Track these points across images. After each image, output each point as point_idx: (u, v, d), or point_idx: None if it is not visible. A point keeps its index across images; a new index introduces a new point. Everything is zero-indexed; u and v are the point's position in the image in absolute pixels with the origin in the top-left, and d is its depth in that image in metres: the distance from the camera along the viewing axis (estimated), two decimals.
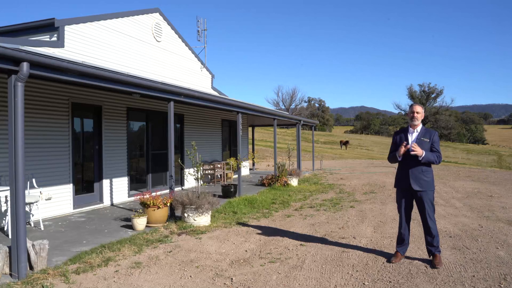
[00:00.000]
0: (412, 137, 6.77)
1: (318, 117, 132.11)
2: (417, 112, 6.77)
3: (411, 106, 6.91)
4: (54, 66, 6.80)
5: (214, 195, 10.71)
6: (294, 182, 17.87)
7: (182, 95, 10.73)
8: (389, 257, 7.01)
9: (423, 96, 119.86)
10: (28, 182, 9.66)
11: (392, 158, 6.95)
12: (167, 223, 9.78)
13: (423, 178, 6.62)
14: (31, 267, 6.35)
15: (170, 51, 17.54)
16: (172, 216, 10.25)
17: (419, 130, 6.78)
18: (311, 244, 8.04)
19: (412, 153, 6.53)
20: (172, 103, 10.55)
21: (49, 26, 11.96)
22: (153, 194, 10.02)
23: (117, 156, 13.16)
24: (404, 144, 6.62)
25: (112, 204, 12.86)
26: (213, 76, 21.18)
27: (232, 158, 20.21)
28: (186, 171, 16.25)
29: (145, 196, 9.75)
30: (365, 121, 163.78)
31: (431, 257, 6.76)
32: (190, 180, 16.39)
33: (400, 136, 6.93)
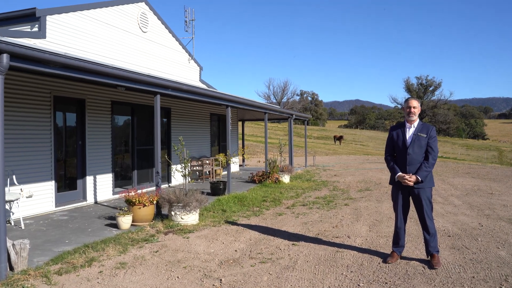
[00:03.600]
0: (409, 132, 6.79)
1: (311, 111, 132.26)
2: (414, 107, 6.80)
3: (406, 101, 6.94)
4: (36, 57, 6.75)
5: (203, 193, 10.71)
6: (286, 179, 17.89)
7: (169, 88, 10.71)
8: (385, 257, 7.01)
9: (421, 89, 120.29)
10: (8, 179, 9.61)
11: (389, 168, 6.99)
12: (153, 221, 9.76)
13: None
14: (11, 268, 6.31)
15: (157, 42, 17.47)
16: (159, 215, 10.23)
17: (415, 125, 6.81)
18: (304, 243, 8.06)
19: (409, 184, 6.62)
20: (158, 96, 10.52)
21: (30, 16, 11.87)
22: (139, 191, 10.00)
23: (101, 151, 13.11)
24: (406, 178, 6.64)
25: (96, 202, 12.81)
26: (201, 68, 21.14)
27: (221, 154, 20.20)
28: (173, 167, 16.22)
29: (130, 194, 9.73)
30: (360, 115, 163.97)
31: (429, 257, 6.78)
32: (178, 177, 16.37)
33: (397, 132, 6.94)
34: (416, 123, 6.83)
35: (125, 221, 9.21)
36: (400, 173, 6.71)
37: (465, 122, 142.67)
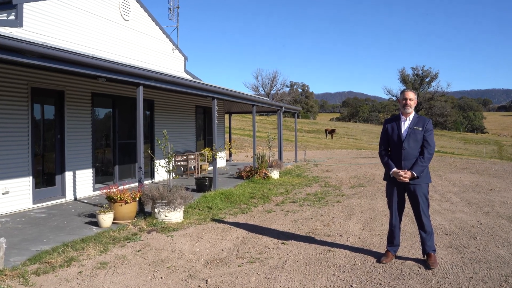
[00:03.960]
0: (404, 126, 6.80)
1: (301, 104, 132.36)
2: (410, 99, 6.79)
3: (402, 92, 6.95)
4: (12, 47, 6.77)
5: (187, 189, 10.74)
6: (275, 174, 17.97)
7: (152, 79, 10.72)
8: (379, 257, 7.04)
9: (416, 80, 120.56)
10: None
11: (383, 164, 7.02)
12: (136, 219, 9.80)
13: None
14: None
15: (139, 31, 17.44)
16: (141, 212, 10.27)
17: (411, 118, 6.81)
18: (294, 242, 8.12)
19: (404, 180, 6.66)
20: (141, 88, 10.53)
21: (6, 4, 11.80)
22: (121, 187, 10.01)
23: (81, 146, 13.11)
24: (401, 174, 6.68)
25: (75, 199, 12.82)
26: (186, 59, 21.12)
27: (207, 148, 20.21)
28: (157, 162, 16.24)
29: (111, 190, 9.74)
30: (353, 108, 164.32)
31: (425, 256, 6.79)
32: (161, 172, 16.39)
33: (391, 125, 6.95)
34: (411, 116, 6.83)
35: (106, 219, 9.24)
36: (395, 169, 6.73)
37: (463, 115, 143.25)
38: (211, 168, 20.65)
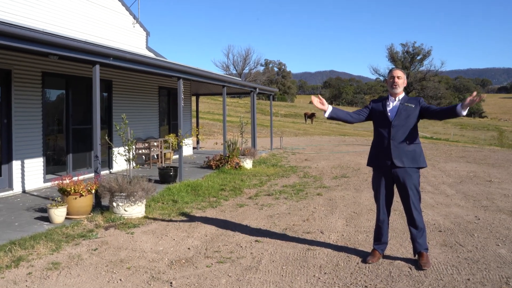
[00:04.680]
0: (391, 105, 6.76)
1: (278, 84, 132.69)
2: (398, 77, 6.73)
3: (390, 71, 6.94)
4: None
5: (150, 180, 10.69)
6: (248, 164, 17.97)
7: (109, 56, 10.61)
8: (364, 256, 7.01)
9: (407, 58, 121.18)
10: None
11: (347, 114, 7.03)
12: (92, 214, 9.71)
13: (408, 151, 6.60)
14: None
15: (95, 3, 17.22)
16: (98, 206, 10.19)
17: (400, 99, 6.77)
18: (269, 240, 8.11)
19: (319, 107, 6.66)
20: (97, 66, 10.42)
21: None
22: (75, 178, 9.93)
23: (30, 132, 12.92)
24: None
25: (24, 191, 12.67)
26: (148, 34, 20.97)
27: (171, 134, 20.02)
28: (115, 150, 16.02)
29: (64, 181, 9.63)
30: (335, 89, 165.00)
31: (417, 256, 6.73)
32: (120, 161, 16.22)
33: (377, 104, 6.95)
34: (401, 96, 6.80)
35: (58, 214, 9.13)
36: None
37: (459, 97, 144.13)
38: (176, 156, 20.55)
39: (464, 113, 6.15)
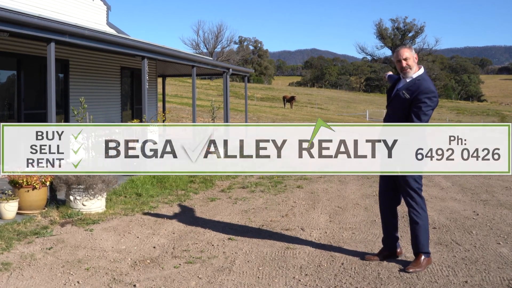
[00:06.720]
0: (400, 86, 6.54)
1: (253, 64, 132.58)
2: (405, 59, 6.46)
3: (395, 52, 6.66)
4: None
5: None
6: None
7: (66, 33, 10.55)
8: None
9: (397, 35, 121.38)
10: None
11: None
12: (47, 209, 9.64)
13: None
14: None
15: None
16: (54, 200, 10.10)
17: (408, 80, 6.48)
18: (244, 238, 8.11)
19: None
20: (52, 44, 10.35)
21: None
22: (28, 169, 9.84)
23: None
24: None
25: None
26: (109, 8, 20.84)
27: (135, 120, 20.02)
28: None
29: (16, 173, 9.56)
30: (318, 70, 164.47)
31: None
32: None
33: (391, 80, 6.97)
34: (414, 76, 6.46)
35: (9, 209, 9.05)
36: None
37: (456, 79, 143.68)
38: None
39: None
